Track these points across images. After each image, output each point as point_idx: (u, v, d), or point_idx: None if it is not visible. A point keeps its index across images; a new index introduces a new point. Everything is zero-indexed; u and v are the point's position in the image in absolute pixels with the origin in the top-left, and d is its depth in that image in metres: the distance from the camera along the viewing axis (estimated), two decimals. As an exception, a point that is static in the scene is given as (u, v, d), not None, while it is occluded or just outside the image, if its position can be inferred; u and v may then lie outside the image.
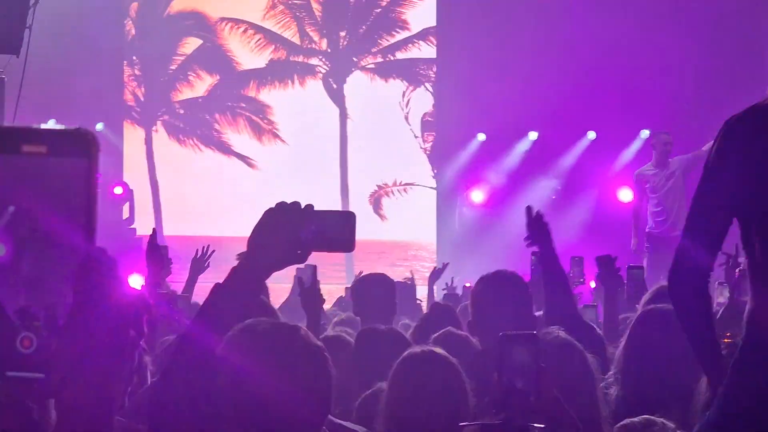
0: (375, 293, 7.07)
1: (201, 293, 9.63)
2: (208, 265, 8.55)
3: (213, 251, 8.52)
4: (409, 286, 9.85)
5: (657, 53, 16.19)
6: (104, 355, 1.50)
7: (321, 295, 6.22)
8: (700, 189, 3.69)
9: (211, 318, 2.98)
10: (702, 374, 4.05)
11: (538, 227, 5.68)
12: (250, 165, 23.42)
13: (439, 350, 4.10)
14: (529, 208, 5.76)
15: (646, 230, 13.90)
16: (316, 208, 2.89)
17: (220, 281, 3.03)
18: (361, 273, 10.37)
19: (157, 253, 6.97)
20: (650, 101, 16.13)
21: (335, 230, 2.88)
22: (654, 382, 4.43)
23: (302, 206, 2.90)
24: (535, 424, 3.58)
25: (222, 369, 2.99)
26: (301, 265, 4.24)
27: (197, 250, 8.54)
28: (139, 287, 8.62)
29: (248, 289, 2.96)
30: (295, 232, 2.87)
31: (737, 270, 7.05)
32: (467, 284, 11.79)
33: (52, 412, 2.85)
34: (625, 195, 15.23)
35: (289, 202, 2.92)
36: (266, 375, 3.04)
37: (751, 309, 3.61)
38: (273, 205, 2.92)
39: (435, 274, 10.42)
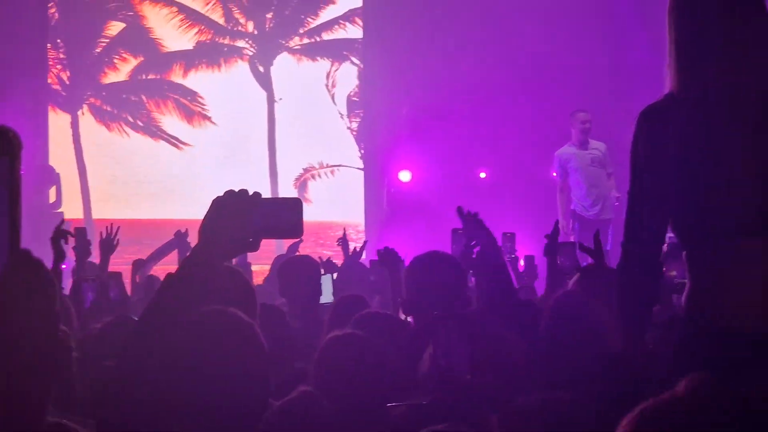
0: (300, 275, 7.17)
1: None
2: (117, 243, 8.61)
3: (118, 228, 8.58)
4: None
5: (578, 41, 16.26)
6: (30, 356, 1.50)
7: None
8: (630, 189, 3.77)
9: (166, 308, 2.98)
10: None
11: (473, 225, 5.33)
12: (178, 147, 23.25)
13: (359, 333, 4.16)
14: (460, 209, 5.39)
15: (572, 209, 13.93)
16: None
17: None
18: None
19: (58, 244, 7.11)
20: (572, 82, 16.17)
21: (283, 217, 2.93)
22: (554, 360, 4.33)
23: (250, 194, 2.93)
24: (465, 403, 3.64)
25: (170, 359, 2.99)
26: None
27: (101, 233, 8.59)
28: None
29: (201, 278, 2.97)
30: (246, 219, 2.90)
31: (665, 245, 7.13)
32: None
33: None
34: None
35: (236, 189, 2.95)
36: (204, 362, 3.04)
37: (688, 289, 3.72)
38: (221, 194, 2.95)
39: (356, 254, 10.32)
